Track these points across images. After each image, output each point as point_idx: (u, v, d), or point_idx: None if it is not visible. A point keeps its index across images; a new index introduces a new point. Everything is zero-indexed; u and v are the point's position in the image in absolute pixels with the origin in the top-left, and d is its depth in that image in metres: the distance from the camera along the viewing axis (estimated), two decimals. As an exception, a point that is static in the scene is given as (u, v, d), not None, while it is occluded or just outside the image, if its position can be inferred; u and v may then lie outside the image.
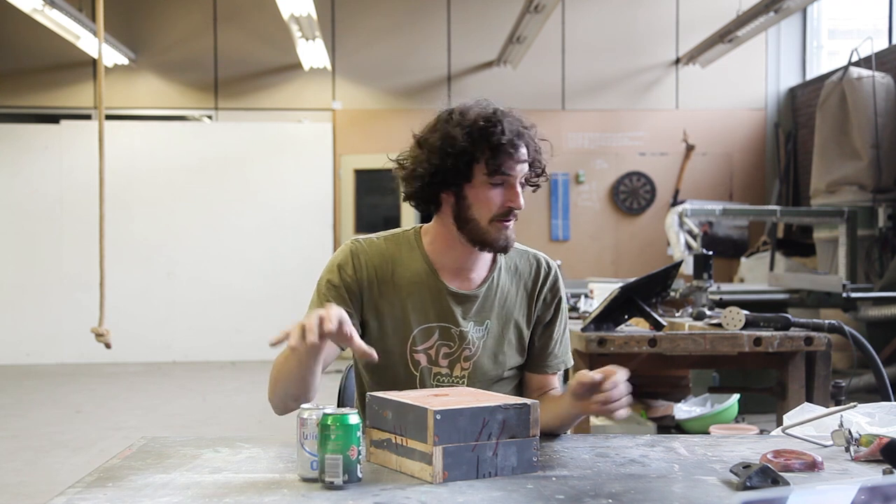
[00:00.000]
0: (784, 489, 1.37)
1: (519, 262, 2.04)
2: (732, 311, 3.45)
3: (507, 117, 1.88)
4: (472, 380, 1.96)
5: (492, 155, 1.86)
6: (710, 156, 9.53)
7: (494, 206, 1.89)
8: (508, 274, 2.02)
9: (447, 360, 1.96)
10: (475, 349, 1.97)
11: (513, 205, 1.89)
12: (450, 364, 1.96)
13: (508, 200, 1.89)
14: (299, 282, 8.91)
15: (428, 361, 1.96)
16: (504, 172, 1.87)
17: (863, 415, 1.94)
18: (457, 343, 1.96)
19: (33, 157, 9.02)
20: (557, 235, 9.45)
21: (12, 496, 4.41)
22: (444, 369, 1.96)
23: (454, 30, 9.44)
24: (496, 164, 1.86)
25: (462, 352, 1.96)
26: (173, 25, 9.40)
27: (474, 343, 1.97)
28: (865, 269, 7.01)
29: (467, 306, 1.97)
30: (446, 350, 1.96)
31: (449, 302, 1.96)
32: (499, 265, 2.01)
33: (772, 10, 7.41)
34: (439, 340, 1.95)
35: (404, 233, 2.02)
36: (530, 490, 1.48)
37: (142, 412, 6.60)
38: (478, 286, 1.98)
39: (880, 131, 7.13)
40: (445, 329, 1.96)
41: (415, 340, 1.95)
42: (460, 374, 1.96)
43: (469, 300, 1.97)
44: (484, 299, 1.98)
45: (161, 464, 1.63)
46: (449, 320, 1.95)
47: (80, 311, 8.36)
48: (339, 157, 9.29)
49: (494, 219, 1.89)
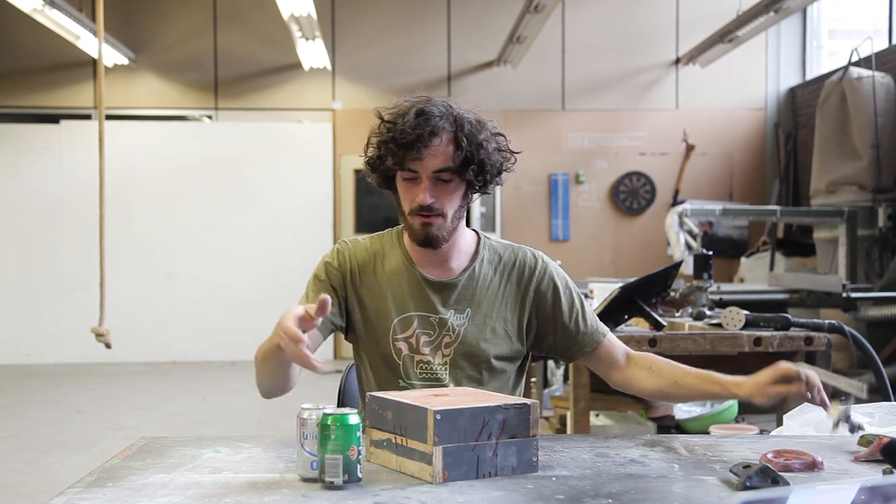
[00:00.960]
0: (784, 489, 1.37)
1: (503, 254, 2.08)
2: (732, 311, 3.45)
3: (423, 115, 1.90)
4: (454, 366, 1.99)
5: (393, 153, 1.91)
6: (710, 156, 9.53)
7: (407, 199, 1.96)
8: (492, 265, 2.05)
9: (428, 347, 1.99)
10: (455, 336, 2.00)
11: (419, 200, 1.92)
12: (431, 351, 1.99)
13: (416, 195, 1.93)
14: (299, 282, 8.80)
15: (409, 350, 2.00)
16: (407, 168, 1.92)
17: (863, 415, 1.94)
18: (436, 331, 2.00)
19: (33, 157, 9.02)
20: (557, 235, 9.45)
21: (12, 496, 4.41)
22: (427, 357, 1.99)
23: (454, 30, 9.44)
24: (400, 159, 1.91)
25: (442, 339, 2.00)
26: (173, 25, 9.40)
27: (454, 330, 2.00)
28: (865, 269, 7.01)
29: (446, 294, 2.01)
30: (426, 338, 1.99)
31: (427, 291, 2.00)
32: (481, 256, 2.05)
33: (772, 10, 7.41)
34: (419, 329, 1.99)
35: (388, 232, 2.10)
36: (530, 490, 1.48)
37: (142, 412, 6.60)
38: (457, 275, 2.02)
39: (880, 131, 7.13)
40: (424, 318, 2.00)
41: (395, 329, 2.00)
42: (442, 360, 1.99)
43: (448, 288, 2.01)
44: (464, 288, 2.02)
45: (161, 464, 1.63)
46: (427, 309, 2.00)
47: (80, 311, 8.36)
48: (339, 157, 9.29)
49: (411, 212, 1.95)
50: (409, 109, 1.92)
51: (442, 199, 1.94)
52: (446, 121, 1.92)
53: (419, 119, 1.90)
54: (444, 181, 1.93)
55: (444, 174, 1.92)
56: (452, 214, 1.96)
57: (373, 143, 1.98)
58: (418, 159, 1.90)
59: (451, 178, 1.93)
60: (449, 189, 1.94)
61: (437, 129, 1.90)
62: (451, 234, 1.99)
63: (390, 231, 2.10)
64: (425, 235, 1.95)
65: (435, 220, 1.94)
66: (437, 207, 1.93)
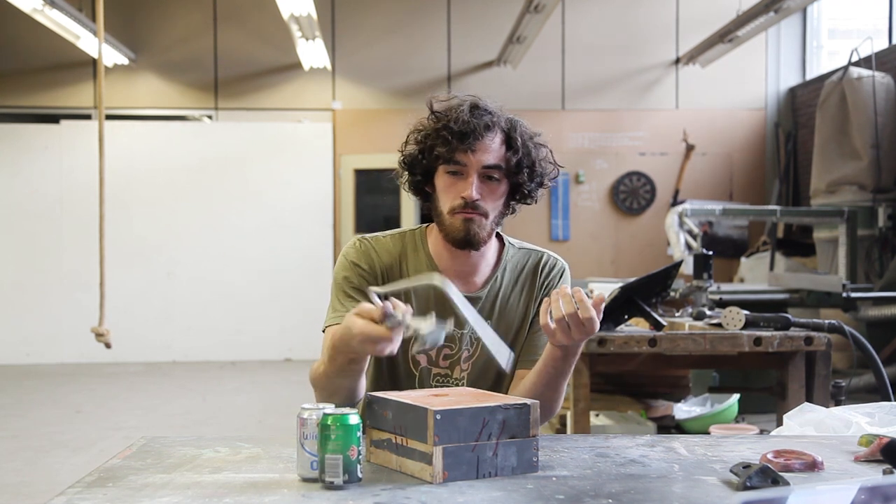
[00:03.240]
0: (784, 489, 1.37)
1: (527, 262, 2.00)
2: (732, 311, 3.45)
3: (478, 109, 1.85)
4: (472, 380, 1.95)
5: (445, 142, 1.84)
6: (710, 156, 9.53)
7: (450, 195, 1.86)
8: (513, 274, 1.99)
9: (448, 361, 1.95)
10: (474, 349, 1.95)
11: (464, 195, 1.84)
12: (450, 365, 1.95)
13: (462, 190, 1.84)
14: (299, 282, 8.92)
15: (428, 362, 1.95)
16: (456, 161, 1.84)
17: (863, 415, 1.94)
18: (457, 345, 1.95)
19: (33, 157, 9.02)
20: (557, 235, 9.45)
21: (12, 496, 4.41)
22: (445, 370, 1.95)
23: (454, 30, 9.44)
24: (449, 152, 1.84)
25: (462, 353, 1.95)
26: (173, 25, 9.40)
27: (473, 344, 1.95)
28: (865, 269, 7.01)
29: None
30: (447, 352, 1.95)
31: (452, 304, 1.95)
32: (503, 265, 1.98)
33: (772, 10, 7.41)
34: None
35: (410, 232, 2.00)
36: (530, 490, 1.47)
37: (142, 412, 6.60)
38: (480, 287, 1.96)
39: (880, 131, 7.13)
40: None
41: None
42: (459, 375, 1.96)
43: (472, 302, 1.91)
44: (486, 301, 1.95)
45: (161, 464, 1.63)
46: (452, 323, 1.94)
47: (80, 311, 8.37)
48: (339, 157, 9.29)
49: (452, 210, 1.86)
50: (463, 103, 1.87)
51: (487, 198, 1.86)
52: (501, 119, 1.87)
53: (475, 111, 1.84)
54: (493, 179, 1.86)
55: (494, 172, 1.85)
56: (493, 219, 1.88)
57: (415, 138, 1.90)
58: (470, 150, 1.83)
59: (500, 179, 1.86)
60: (496, 190, 1.87)
61: (492, 123, 1.84)
62: (488, 239, 1.91)
63: (412, 232, 2.00)
64: (466, 232, 1.85)
65: (477, 218, 1.85)
66: (481, 206, 1.85)
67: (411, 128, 1.92)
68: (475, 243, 1.88)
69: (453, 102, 1.88)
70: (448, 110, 1.87)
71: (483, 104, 1.87)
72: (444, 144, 1.84)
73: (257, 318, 9.04)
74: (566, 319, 1.68)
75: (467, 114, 1.84)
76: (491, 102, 1.89)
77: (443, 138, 1.84)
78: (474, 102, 1.87)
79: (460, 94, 1.91)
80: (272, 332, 9.04)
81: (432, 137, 1.86)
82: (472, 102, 1.87)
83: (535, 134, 1.91)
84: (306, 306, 8.67)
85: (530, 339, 1.98)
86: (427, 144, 1.87)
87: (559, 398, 1.87)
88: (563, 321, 1.69)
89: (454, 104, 1.87)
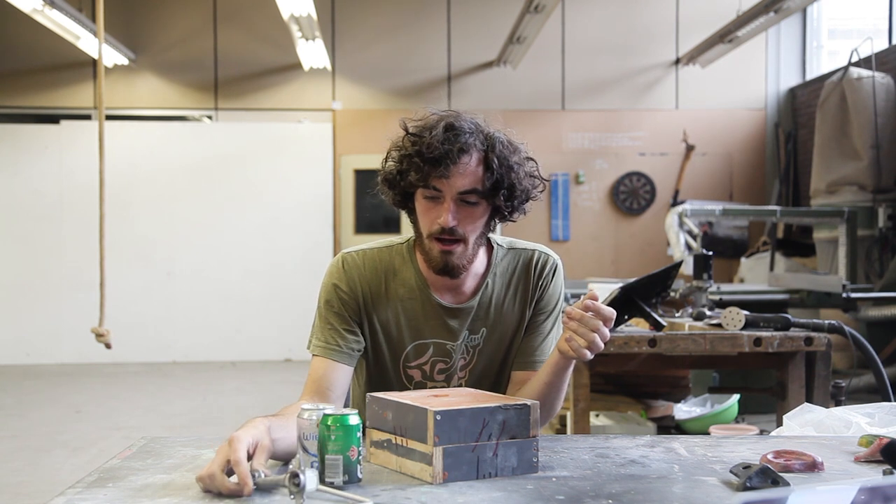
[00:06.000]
0: (784, 489, 1.37)
1: (512, 262, 1.95)
2: (732, 311, 3.45)
3: (453, 131, 1.76)
4: (469, 385, 1.93)
5: (418, 168, 1.77)
6: (710, 156, 9.53)
7: (428, 220, 1.81)
8: (504, 278, 1.94)
9: (443, 374, 1.92)
10: (470, 357, 1.93)
11: (440, 222, 1.78)
12: (446, 378, 1.92)
13: (438, 216, 1.79)
14: (299, 282, 8.92)
15: (422, 376, 1.92)
16: (431, 186, 1.78)
17: (863, 415, 1.94)
18: (452, 358, 1.92)
19: (33, 157, 9.02)
20: (557, 235, 9.45)
21: (12, 496, 4.41)
22: (441, 383, 1.92)
23: (454, 30, 9.44)
24: (424, 175, 1.77)
25: (457, 364, 1.92)
26: (173, 25, 9.40)
27: (469, 352, 1.92)
28: (865, 269, 7.02)
29: (462, 319, 1.90)
30: (442, 366, 1.92)
31: (444, 317, 1.90)
32: (493, 270, 1.93)
33: (772, 10, 7.41)
34: (434, 356, 1.90)
35: (398, 245, 1.94)
36: (530, 490, 1.48)
37: (142, 412, 6.60)
38: (470, 297, 1.91)
39: (880, 131, 7.13)
40: (440, 345, 1.90)
41: (408, 356, 1.91)
42: (457, 383, 1.93)
43: (463, 313, 1.91)
44: (478, 309, 1.91)
45: (161, 464, 1.63)
46: (444, 336, 1.90)
47: (80, 311, 8.37)
48: (339, 157, 9.29)
49: (430, 235, 1.81)
50: (438, 123, 1.78)
51: (465, 222, 1.80)
52: (477, 138, 1.78)
53: (448, 134, 1.76)
54: (470, 204, 1.79)
55: (471, 196, 1.78)
56: (474, 241, 1.83)
57: (393, 157, 1.84)
58: (444, 177, 1.76)
59: (478, 202, 1.80)
60: (474, 213, 1.81)
61: (467, 146, 1.76)
62: (471, 262, 1.85)
63: (399, 244, 1.94)
64: (444, 264, 1.81)
65: (455, 248, 1.80)
66: (458, 231, 1.79)
67: (390, 144, 1.86)
68: (454, 273, 1.84)
69: (429, 122, 1.80)
70: (423, 131, 1.79)
71: (458, 123, 1.78)
72: (417, 171, 1.78)
73: (257, 318, 9.04)
74: (590, 347, 1.66)
75: (440, 137, 1.75)
76: (468, 119, 1.81)
77: (415, 165, 1.78)
78: (449, 123, 1.78)
79: (437, 111, 1.84)
80: (272, 332, 9.04)
81: (407, 162, 1.80)
82: (446, 123, 1.78)
83: (516, 149, 1.84)
84: (306, 307, 8.59)
85: (526, 342, 1.95)
86: (402, 167, 1.82)
87: (561, 399, 1.87)
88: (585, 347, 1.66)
89: (430, 124, 1.80)
